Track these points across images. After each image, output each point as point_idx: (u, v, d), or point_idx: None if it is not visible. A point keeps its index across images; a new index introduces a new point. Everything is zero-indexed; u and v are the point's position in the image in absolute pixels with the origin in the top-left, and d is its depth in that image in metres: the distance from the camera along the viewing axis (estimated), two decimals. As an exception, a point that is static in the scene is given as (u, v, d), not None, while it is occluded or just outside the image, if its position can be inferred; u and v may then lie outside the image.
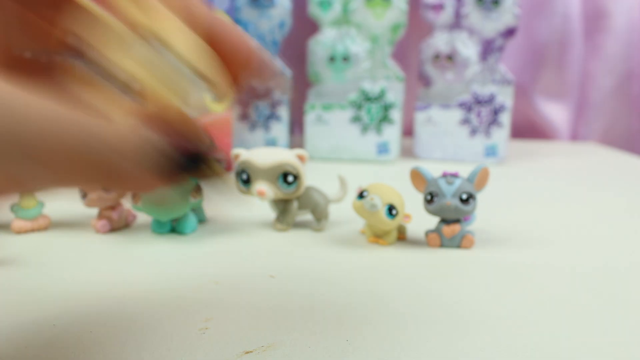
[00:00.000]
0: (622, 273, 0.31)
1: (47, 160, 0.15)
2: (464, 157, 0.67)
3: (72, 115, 0.15)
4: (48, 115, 0.15)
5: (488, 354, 0.21)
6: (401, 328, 0.23)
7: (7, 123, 0.14)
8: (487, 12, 0.64)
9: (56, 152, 0.15)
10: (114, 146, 0.16)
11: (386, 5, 0.64)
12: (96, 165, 0.16)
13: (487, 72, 0.66)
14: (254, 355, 0.21)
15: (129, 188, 0.17)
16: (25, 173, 0.15)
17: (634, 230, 0.40)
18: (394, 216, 0.33)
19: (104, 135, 0.15)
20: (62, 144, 0.15)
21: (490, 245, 0.35)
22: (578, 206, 0.47)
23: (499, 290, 0.28)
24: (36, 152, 0.15)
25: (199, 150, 0.16)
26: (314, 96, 0.67)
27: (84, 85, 0.18)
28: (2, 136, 0.14)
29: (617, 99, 0.87)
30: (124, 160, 0.16)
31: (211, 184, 0.17)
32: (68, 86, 0.20)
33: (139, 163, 0.16)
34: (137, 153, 0.16)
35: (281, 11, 0.66)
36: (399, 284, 0.29)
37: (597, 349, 0.22)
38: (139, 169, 0.16)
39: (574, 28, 0.84)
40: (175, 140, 0.16)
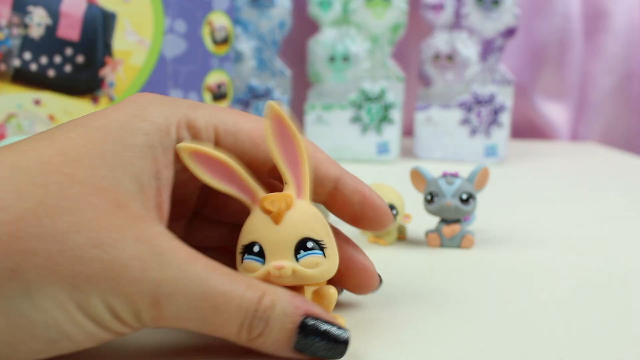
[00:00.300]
0: (622, 273, 0.31)
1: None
2: (464, 157, 0.67)
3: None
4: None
5: (488, 354, 0.21)
6: (401, 328, 0.23)
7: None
8: (487, 12, 0.64)
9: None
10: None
11: (386, 5, 0.64)
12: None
13: (487, 72, 0.66)
14: (254, 355, 0.21)
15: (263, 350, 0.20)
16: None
17: (634, 230, 0.40)
18: (394, 216, 0.33)
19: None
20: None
21: (490, 245, 0.35)
22: (578, 206, 0.47)
23: (499, 290, 0.28)
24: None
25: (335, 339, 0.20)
26: (314, 96, 0.67)
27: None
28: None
29: (617, 99, 0.87)
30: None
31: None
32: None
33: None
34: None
35: (281, 11, 0.66)
36: (399, 284, 0.29)
37: (598, 349, 0.22)
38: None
39: (574, 28, 0.84)
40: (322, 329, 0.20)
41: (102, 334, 0.18)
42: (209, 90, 0.56)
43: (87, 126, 0.20)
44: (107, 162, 0.19)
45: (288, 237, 0.20)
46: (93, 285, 0.17)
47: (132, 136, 0.20)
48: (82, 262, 0.17)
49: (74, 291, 0.17)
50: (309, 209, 0.21)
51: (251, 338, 0.20)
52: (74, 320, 0.18)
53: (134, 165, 0.20)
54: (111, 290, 0.18)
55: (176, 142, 0.21)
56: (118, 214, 0.18)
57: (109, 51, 0.48)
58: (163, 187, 0.21)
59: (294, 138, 0.21)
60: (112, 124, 0.20)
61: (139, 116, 0.21)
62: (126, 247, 0.18)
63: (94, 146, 0.19)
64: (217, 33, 0.56)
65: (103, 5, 0.47)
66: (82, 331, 0.18)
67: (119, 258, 0.18)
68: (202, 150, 0.21)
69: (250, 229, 0.21)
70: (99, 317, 0.18)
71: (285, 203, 0.21)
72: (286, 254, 0.20)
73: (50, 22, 0.45)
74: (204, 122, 0.22)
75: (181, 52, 0.53)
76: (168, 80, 0.52)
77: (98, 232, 0.18)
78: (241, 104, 0.68)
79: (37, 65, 0.45)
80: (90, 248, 0.17)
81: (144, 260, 0.18)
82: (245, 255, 0.21)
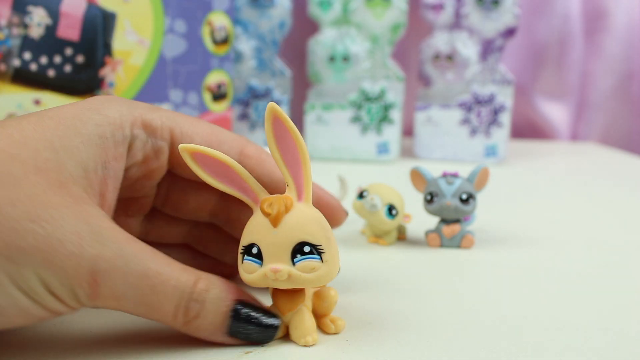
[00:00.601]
0: (622, 273, 0.31)
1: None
2: (464, 157, 0.67)
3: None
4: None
5: (488, 354, 0.21)
6: (401, 328, 0.23)
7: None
8: (487, 12, 0.64)
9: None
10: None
11: (386, 5, 0.64)
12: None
13: (487, 72, 0.66)
14: (254, 355, 0.21)
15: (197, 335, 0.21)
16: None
17: (633, 230, 0.40)
18: (394, 216, 0.33)
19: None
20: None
21: (490, 245, 0.35)
22: (578, 206, 0.47)
23: (499, 290, 0.28)
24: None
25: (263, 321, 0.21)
26: (314, 96, 0.67)
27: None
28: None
29: (617, 99, 0.87)
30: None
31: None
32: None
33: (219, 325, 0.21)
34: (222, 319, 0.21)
35: (281, 11, 0.66)
36: (399, 284, 0.29)
37: (598, 348, 0.22)
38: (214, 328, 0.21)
39: (574, 28, 0.84)
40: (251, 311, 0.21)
41: (37, 310, 0.18)
42: (209, 90, 0.56)
43: (41, 115, 0.21)
44: (54, 146, 0.20)
45: (285, 241, 0.20)
46: (26, 257, 0.18)
47: (83, 125, 0.21)
48: (16, 233, 0.17)
49: (7, 262, 0.17)
50: (308, 212, 0.21)
51: (187, 320, 0.20)
52: (5, 292, 0.18)
53: (81, 151, 0.20)
54: (45, 264, 0.18)
55: (130, 139, 0.22)
56: (58, 193, 0.19)
57: (109, 51, 0.48)
58: (109, 177, 0.21)
59: (295, 140, 0.21)
60: (66, 114, 0.21)
61: (93, 109, 0.21)
62: (64, 224, 0.18)
63: (42, 132, 0.20)
64: (217, 33, 0.56)
65: (103, 5, 0.47)
66: (14, 305, 0.18)
67: (55, 233, 0.18)
68: (203, 151, 0.21)
69: (251, 230, 0.21)
70: (32, 292, 0.18)
71: (284, 206, 0.20)
72: (283, 257, 0.20)
73: (50, 22, 0.45)
74: (160, 123, 0.23)
75: (181, 52, 0.53)
76: (168, 80, 0.52)
77: (35, 208, 0.18)
78: (241, 104, 0.68)
79: (37, 65, 0.45)
80: (25, 222, 0.18)
81: (82, 236, 0.18)
82: (245, 256, 0.21)
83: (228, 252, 0.27)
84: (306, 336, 0.21)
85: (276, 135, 0.21)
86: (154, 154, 0.23)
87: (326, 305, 0.22)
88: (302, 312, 0.22)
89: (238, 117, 0.68)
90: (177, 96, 0.53)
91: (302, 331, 0.22)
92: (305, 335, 0.21)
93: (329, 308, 0.23)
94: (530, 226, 0.40)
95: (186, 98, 0.54)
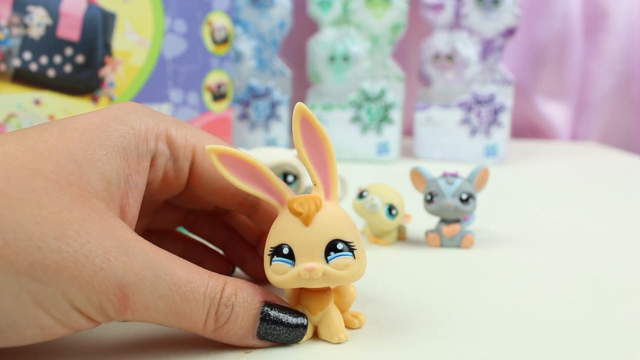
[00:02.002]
0: (622, 272, 0.31)
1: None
2: (464, 157, 0.67)
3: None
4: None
5: (488, 354, 0.21)
6: (401, 328, 0.23)
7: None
8: (487, 12, 0.64)
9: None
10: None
11: (386, 5, 0.64)
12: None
13: (487, 72, 0.66)
14: (254, 355, 0.21)
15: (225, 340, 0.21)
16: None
17: (634, 230, 0.40)
18: (394, 216, 0.33)
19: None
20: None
21: (490, 245, 0.35)
22: (578, 206, 0.47)
23: (499, 290, 0.28)
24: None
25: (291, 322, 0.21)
26: (314, 96, 0.67)
27: None
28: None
29: (617, 99, 0.87)
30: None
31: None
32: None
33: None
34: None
35: (281, 11, 0.66)
36: (399, 284, 0.29)
37: (598, 348, 0.22)
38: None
39: (574, 28, 0.84)
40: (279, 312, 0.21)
41: (57, 329, 0.18)
42: (209, 90, 0.56)
43: (63, 127, 0.20)
44: (76, 159, 0.19)
45: (318, 239, 0.20)
46: (52, 276, 0.17)
47: (107, 137, 0.20)
48: (41, 252, 0.17)
49: (31, 282, 0.17)
50: (337, 210, 0.21)
51: (218, 327, 0.20)
52: (26, 312, 0.17)
53: (104, 163, 0.20)
54: (72, 281, 0.17)
55: (153, 153, 0.22)
56: (82, 208, 0.18)
57: (109, 51, 0.48)
58: (131, 190, 0.21)
59: (323, 140, 0.21)
60: (90, 125, 0.20)
61: (118, 120, 0.21)
62: (89, 240, 0.18)
63: (65, 144, 0.19)
64: (217, 33, 0.56)
65: (103, 5, 0.47)
66: (35, 325, 0.18)
67: (82, 249, 0.18)
68: (230, 152, 0.21)
69: (280, 230, 0.21)
70: (55, 310, 0.18)
71: (314, 205, 0.21)
72: (316, 255, 0.20)
73: (50, 22, 0.45)
74: (184, 141, 0.22)
75: (181, 52, 0.53)
76: (168, 80, 0.52)
77: (60, 225, 0.18)
78: (241, 104, 0.68)
79: (37, 65, 0.45)
80: (50, 239, 0.17)
81: (108, 250, 0.18)
82: (274, 257, 0.21)
83: (217, 236, 0.28)
84: (339, 334, 0.22)
85: (304, 135, 0.21)
86: (175, 172, 0.23)
87: (347, 302, 0.23)
88: (331, 311, 0.22)
89: (238, 117, 0.68)
90: (177, 96, 0.53)
91: (334, 329, 0.22)
92: (338, 332, 0.22)
93: (349, 304, 0.23)
94: (530, 226, 0.40)
95: (186, 98, 0.54)
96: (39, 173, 0.18)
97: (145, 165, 0.21)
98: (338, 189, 0.22)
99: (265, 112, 0.68)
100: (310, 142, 0.21)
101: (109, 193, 0.20)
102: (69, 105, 0.47)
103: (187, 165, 0.23)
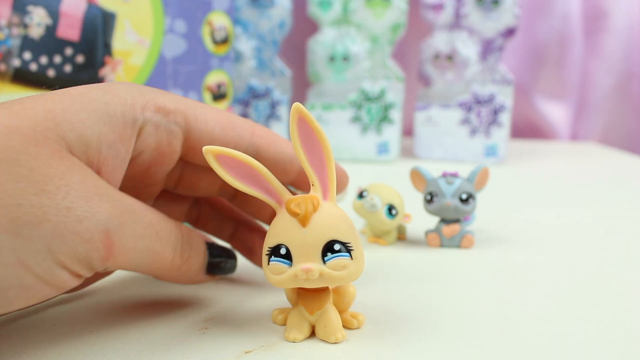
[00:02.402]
0: (622, 273, 0.31)
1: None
2: (464, 157, 0.67)
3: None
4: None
5: (488, 354, 0.21)
6: (401, 328, 0.23)
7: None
8: (487, 12, 0.64)
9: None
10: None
11: (386, 5, 0.64)
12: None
13: (487, 72, 0.66)
14: (254, 355, 0.21)
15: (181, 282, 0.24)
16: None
17: (633, 230, 0.40)
18: (394, 216, 0.33)
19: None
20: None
21: (490, 245, 0.35)
22: (578, 206, 0.47)
23: (498, 290, 0.28)
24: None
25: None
26: (314, 96, 0.67)
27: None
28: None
29: (617, 99, 0.87)
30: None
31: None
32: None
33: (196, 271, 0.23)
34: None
35: (281, 11, 0.66)
36: (399, 284, 0.29)
37: (598, 348, 0.22)
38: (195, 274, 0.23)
39: (574, 28, 0.84)
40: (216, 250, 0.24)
41: (40, 288, 0.18)
42: (209, 90, 0.56)
43: (44, 94, 0.20)
44: (54, 117, 0.19)
45: (315, 240, 0.20)
46: (34, 231, 0.17)
47: (90, 102, 0.20)
48: (21, 208, 0.17)
49: (12, 238, 0.17)
50: (335, 210, 0.21)
51: (182, 263, 0.22)
52: (7, 272, 0.17)
53: (85, 125, 0.19)
54: (57, 233, 0.17)
55: (141, 122, 0.21)
56: (60, 162, 0.18)
57: (109, 51, 0.48)
58: (112, 158, 0.20)
59: (320, 140, 0.21)
60: (72, 91, 0.20)
61: (103, 89, 0.21)
62: (70, 192, 0.18)
63: (43, 103, 0.19)
64: (217, 33, 0.56)
65: (103, 5, 0.47)
66: (15, 284, 0.17)
67: (63, 201, 0.18)
68: (227, 153, 0.21)
69: (277, 231, 0.21)
70: (39, 267, 0.17)
71: (312, 205, 0.21)
72: (313, 256, 0.20)
73: (50, 22, 0.45)
74: (173, 106, 0.22)
75: (181, 52, 0.53)
76: (168, 80, 0.52)
77: (39, 181, 0.17)
78: (241, 104, 0.68)
79: (37, 65, 0.45)
80: (30, 195, 0.17)
81: (90, 199, 0.18)
82: (271, 257, 0.21)
83: (224, 229, 0.28)
84: (336, 333, 0.22)
85: (301, 135, 0.21)
86: (167, 139, 0.22)
87: (346, 301, 0.23)
88: (329, 311, 0.22)
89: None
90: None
91: (332, 329, 0.22)
92: (335, 332, 0.22)
93: (348, 304, 0.23)
94: (530, 226, 0.40)
95: (186, 98, 0.54)
96: (15, 129, 0.18)
97: (130, 134, 0.21)
98: (335, 189, 0.22)
99: (265, 112, 0.68)
100: (307, 142, 0.21)
101: (85, 156, 0.19)
102: (69, 105, 0.47)
103: (178, 129, 0.22)
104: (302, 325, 0.22)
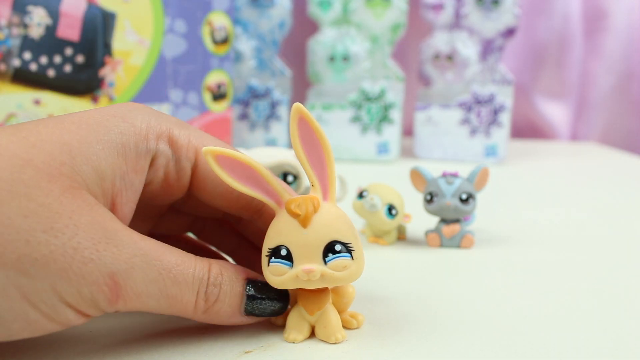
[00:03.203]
0: (622, 273, 0.31)
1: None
2: (464, 157, 0.67)
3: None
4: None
5: (488, 354, 0.21)
6: (400, 328, 0.23)
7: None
8: (487, 12, 0.64)
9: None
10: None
11: (386, 5, 0.64)
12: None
13: (487, 72, 0.66)
14: (254, 355, 0.21)
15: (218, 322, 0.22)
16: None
17: (633, 230, 0.40)
18: (394, 216, 0.33)
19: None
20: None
21: (490, 245, 0.35)
22: (578, 206, 0.47)
23: (499, 290, 0.28)
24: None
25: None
26: (314, 96, 0.67)
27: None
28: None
29: (617, 99, 0.87)
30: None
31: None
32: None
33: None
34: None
35: (281, 11, 0.66)
36: (399, 284, 0.29)
37: (598, 348, 0.22)
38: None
39: (574, 28, 0.84)
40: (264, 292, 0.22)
41: (45, 324, 0.18)
42: (208, 90, 0.56)
43: (60, 120, 0.20)
44: (70, 150, 0.19)
45: (316, 241, 0.20)
46: (40, 269, 0.17)
47: (105, 132, 0.20)
48: (29, 245, 0.17)
49: (18, 275, 0.17)
50: (335, 211, 0.21)
51: (208, 307, 0.20)
52: (13, 307, 0.17)
53: (99, 158, 0.19)
54: (61, 273, 0.17)
55: (154, 152, 0.21)
56: (72, 200, 0.18)
57: (108, 51, 0.48)
58: (126, 189, 0.20)
59: (320, 140, 0.21)
60: (88, 119, 0.20)
61: (119, 117, 0.21)
62: (78, 232, 0.18)
63: (59, 135, 0.19)
64: (217, 33, 0.56)
65: (103, 5, 0.47)
66: (22, 320, 0.17)
67: (70, 242, 0.18)
68: (227, 154, 0.21)
69: (277, 232, 0.21)
70: (44, 305, 0.17)
71: (312, 206, 0.21)
72: (314, 257, 0.20)
73: (50, 22, 0.45)
74: (186, 142, 0.22)
75: (181, 52, 0.53)
76: (168, 80, 0.52)
77: (48, 218, 0.17)
78: (241, 104, 0.68)
79: (37, 65, 0.45)
80: (38, 233, 0.17)
81: (97, 241, 0.18)
82: (272, 259, 0.21)
83: (227, 243, 0.28)
84: (336, 334, 0.22)
85: (301, 135, 0.21)
86: (176, 174, 0.22)
87: (345, 302, 0.23)
88: (328, 311, 0.22)
89: (238, 117, 0.68)
90: (177, 96, 0.53)
91: (331, 329, 0.22)
92: (335, 333, 0.22)
93: (347, 304, 0.23)
94: (530, 226, 0.40)
95: (186, 98, 0.54)
96: (30, 163, 0.18)
97: (144, 165, 0.21)
98: (337, 189, 0.22)
99: (265, 112, 0.68)
100: (307, 142, 0.21)
101: (100, 189, 0.19)
102: (68, 105, 0.47)
103: (189, 166, 0.22)
104: (302, 325, 0.22)
